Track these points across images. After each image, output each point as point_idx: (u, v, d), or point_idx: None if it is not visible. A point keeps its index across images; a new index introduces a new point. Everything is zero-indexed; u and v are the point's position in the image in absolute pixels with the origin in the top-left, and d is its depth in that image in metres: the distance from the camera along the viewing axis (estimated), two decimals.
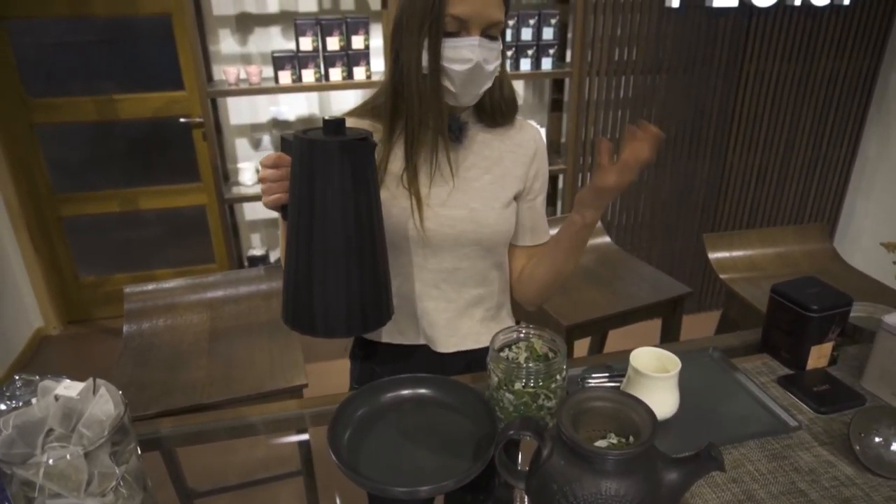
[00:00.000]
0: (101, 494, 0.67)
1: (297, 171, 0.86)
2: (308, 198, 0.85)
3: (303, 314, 0.89)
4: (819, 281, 1.13)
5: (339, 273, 0.87)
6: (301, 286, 0.88)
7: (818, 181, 3.24)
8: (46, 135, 2.92)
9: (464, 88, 0.99)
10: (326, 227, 0.86)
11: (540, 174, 1.16)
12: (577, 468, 0.72)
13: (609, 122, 2.87)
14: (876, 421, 0.91)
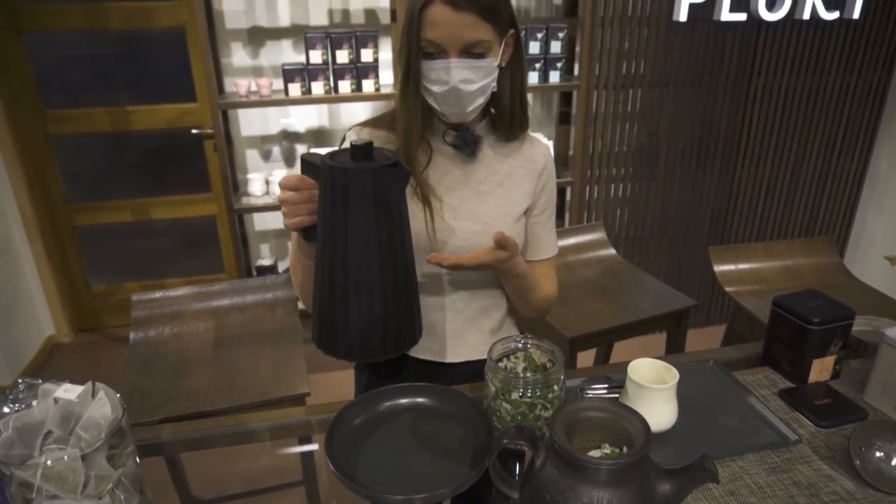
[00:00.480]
0: (97, 497, 0.68)
1: (328, 197, 0.85)
2: (340, 224, 0.85)
3: (335, 338, 0.90)
4: (821, 294, 1.13)
5: (372, 298, 0.88)
6: (332, 311, 0.89)
7: (829, 195, 3.22)
8: (61, 145, 2.97)
9: (447, 108, 1.03)
10: (359, 254, 0.86)
11: (546, 190, 1.17)
12: (569, 478, 0.72)
13: (616, 135, 2.87)
14: (877, 435, 0.90)
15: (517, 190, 1.13)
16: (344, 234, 0.85)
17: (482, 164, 1.12)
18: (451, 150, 1.10)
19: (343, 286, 0.87)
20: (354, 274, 0.87)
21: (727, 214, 3.13)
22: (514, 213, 1.12)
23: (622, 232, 3.05)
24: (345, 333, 0.89)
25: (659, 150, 2.93)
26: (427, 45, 0.98)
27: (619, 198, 2.99)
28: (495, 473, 0.79)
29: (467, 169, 1.11)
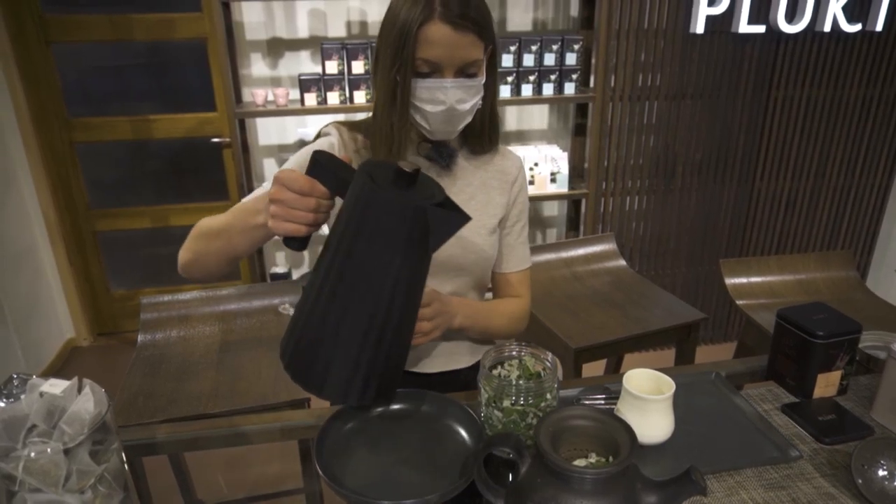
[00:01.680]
0: (79, 491, 0.68)
1: (354, 221, 0.73)
2: (359, 255, 0.74)
3: (303, 365, 0.81)
4: (828, 307, 1.10)
5: (361, 340, 0.78)
6: (318, 344, 0.79)
7: (851, 209, 3.15)
8: (85, 153, 3.04)
9: (437, 126, 1.01)
10: (370, 295, 0.75)
11: (518, 201, 1.18)
12: (552, 486, 0.70)
13: (632, 147, 2.85)
14: (881, 453, 0.87)
15: (491, 202, 1.13)
16: (360, 268, 0.74)
17: (456, 177, 1.12)
18: (425, 161, 1.10)
19: (339, 321, 0.77)
20: (358, 313, 0.76)
21: (745, 228, 3.08)
22: (488, 226, 1.13)
23: (637, 245, 3.02)
24: (324, 371, 0.79)
25: (675, 162, 2.90)
26: (421, 65, 0.96)
27: (634, 210, 2.97)
28: (480, 480, 0.78)
29: (441, 182, 1.09)
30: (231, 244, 0.92)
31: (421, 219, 0.72)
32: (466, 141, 1.13)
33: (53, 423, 0.67)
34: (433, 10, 0.93)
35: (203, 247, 0.99)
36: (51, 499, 0.67)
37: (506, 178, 1.15)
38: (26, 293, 2.86)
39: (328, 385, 0.81)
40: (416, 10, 0.93)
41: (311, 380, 0.81)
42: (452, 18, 0.93)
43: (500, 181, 1.15)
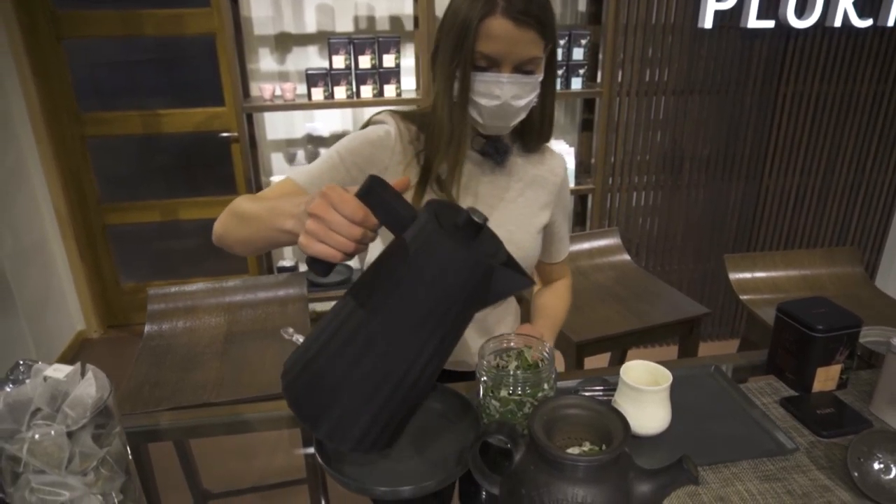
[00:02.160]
0: (81, 473, 0.70)
1: (411, 261, 0.65)
2: (403, 300, 0.66)
3: (304, 396, 0.71)
4: (828, 301, 1.10)
5: (388, 391, 0.69)
6: (337, 389, 0.69)
7: (861, 206, 3.12)
8: (95, 147, 3.08)
9: (490, 121, 1.01)
10: (406, 337, 0.67)
11: (562, 198, 1.21)
12: (545, 474, 0.71)
13: (640, 143, 2.84)
14: (877, 446, 0.87)
15: (538, 200, 1.15)
16: (407, 313, 0.65)
17: (507, 173, 1.13)
18: (478, 156, 1.10)
19: (368, 364, 0.68)
20: (392, 361, 0.68)
21: (753, 225, 3.07)
22: (536, 225, 1.15)
23: (644, 241, 3.01)
24: (313, 396, 0.70)
25: (683, 158, 2.89)
26: (479, 58, 0.95)
27: (640, 206, 2.96)
28: (476, 468, 0.79)
29: (493, 177, 1.12)
30: (253, 236, 0.86)
31: (487, 277, 0.67)
32: (520, 137, 1.14)
33: (57, 407, 0.69)
34: (496, 5, 0.93)
35: (231, 227, 0.93)
36: (54, 480, 0.68)
37: (555, 177, 1.17)
38: (38, 285, 2.90)
39: (334, 429, 0.71)
40: (479, 3, 0.93)
41: (306, 412, 0.71)
42: (514, 14, 0.92)
43: (549, 180, 1.17)
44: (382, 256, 0.71)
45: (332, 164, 1.02)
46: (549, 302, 1.27)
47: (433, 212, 0.66)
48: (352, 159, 1.03)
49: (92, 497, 0.71)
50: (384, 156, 1.05)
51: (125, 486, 0.76)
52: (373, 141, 1.04)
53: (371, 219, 0.66)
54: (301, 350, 0.74)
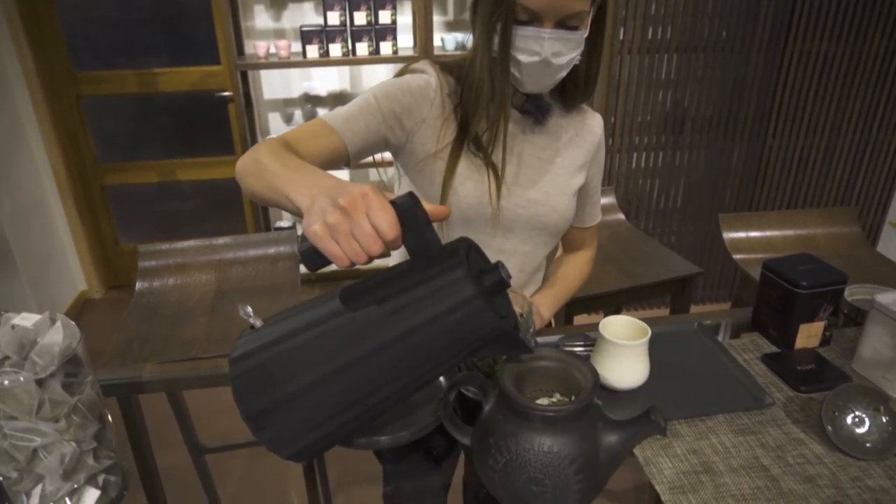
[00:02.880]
0: (53, 420, 0.71)
1: (428, 303, 0.59)
2: (408, 337, 0.60)
3: (254, 396, 0.63)
4: (815, 258, 1.08)
5: (334, 415, 0.64)
6: (281, 376, 0.63)
7: (866, 168, 3.07)
8: (92, 107, 3.05)
9: (529, 78, 0.96)
10: (388, 370, 0.62)
11: (598, 161, 1.16)
12: (513, 423, 0.71)
13: (640, 103, 2.79)
14: (852, 400, 0.87)
15: (576, 161, 1.11)
16: (393, 343, 0.60)
17: (546, 132, 1.09)
18: (517, 114, 1.06)
19: (329, 389, 0.63)
20: (357, 391, 0.63)
21: (755, 187, 3.03)
22: (573, 186, 1.11)
23: (643, 203, 2.99)
24: (282, 427, 0.64)
25: (685, 119, 2.84)
26: (520, 12, 0.90)
27: (641, 168, 2.92)
28: (447, 418, 0.79)
29: (532, 135, 1.08)
30: (264, 193, 0.77)
31: (494, 339, 0.63)
32: (561, 96, 1.09)
33: (25, 355, 0.70)
34: None
35: (248, 173, 0.82)
36: (26, 426, 0.69)
37: (592, 138, 1.13)
38: (38, 247, 2.91)
39: (276, 438, 0.65)
40: None
41: (258, 420, 0.64)
42: None
43: (587, 140, 1.12)
44: (395, 276, 0.63)
45: (368, 110, 0.96)
46: (563, 272, 1.23)
47: (465, 253, 0.61)
48: (389, 106, 0.97)
49: (65, 443, 0.72)
50: (423, 107, 1.00)
51: (99, 434, 0.77)
52: (413, 90, 0.99)
53: (398, 240, 0.58)
54: (260, 340, 0.66)
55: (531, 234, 1.10)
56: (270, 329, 0.66)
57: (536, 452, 0.69)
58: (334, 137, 0.92)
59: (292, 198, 0.67)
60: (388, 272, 0.65)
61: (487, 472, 0.73)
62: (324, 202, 0.59)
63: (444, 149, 1.01)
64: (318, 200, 0.60)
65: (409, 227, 0.59)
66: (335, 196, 0.58)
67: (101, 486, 0.78)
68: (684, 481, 0.81)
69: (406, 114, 0.98)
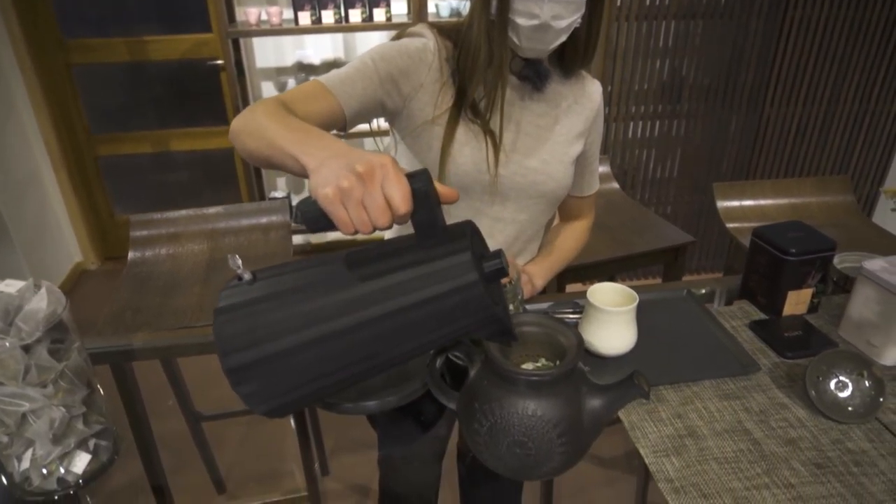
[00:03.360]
0: (41, 385, 0.71)
1: (429, 282, 0.59)
2: (402, 312, 0.60)
3: (236, 349, 0.62)
4: (805, 225, 1.08)
5: (318, 377, 0.64)
6: (268, 333, 0.62)
7: (864, 137, 3.05)
8: (82, 76, 3.01)
9: (528, 43, 0.94)
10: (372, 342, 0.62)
11: (596, 128, 1.15)
12: (498, 388, 0.72)
13: (637, 71, 2.75)
14: (836, 365, 0.88)
15: (574, 128, 1.10)
16: (390, 315, 0.60)
17: (544, 99, 1.07)
18: (516, 80, 1.04)
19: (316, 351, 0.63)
20: (344, 357, 0.63)
21: (752, 156, 3.01)
22: (571, 154, 1.10)
23: (639, 173, 2.97)
24: (262, 382, 0.64)
25: (682, 87, 2.81)
26: None
27: (638, 138, 2.90)
28: (433, 384, 0.80)
29: (530, 102, 1.06)
30: (264, 151, 0.75)
31: (486, 324, 0.63)
32: (561, 62, 1.06)
33: (10, 321, 0.70)
34: None
35: (246, 131, 0.80)
36: (14, 391, 0.70)
37: (591, 104, 1.11)
38: (33, 218, 2.90)
39: (255, 394, 0.64)
40: None
41: (238, 374, 0.63)
42: None
43: (586, 107, 1.11)
44: (398, 251, 0.62)
45: (365, 73, 0.94)
46: (559, 242, 1.23)
47: (470, 238, 0.60)
48: (386, 69, 0.95)
49: (53, 408, 0.72)
50: (421, 71, 0.98)
51: (88, 400, 0.78)
52: (411, 53, 0.97)
53: (408, 216, 0.58)
54: (249, 294, 0.64)
55: (528, 202, 1.09)
56: (262, 284, 0.65)
57: (520, 416, 0.70)
58: (331, 100, 0.90)
59: (300, 158, 0.65)
60: (391, 245, 0.64)
61: (473, 436, 0.74)
62: (338, 166, 0.58)
63: (442, 115, 1.00)
64: (329, 163, 0.59)
65: (421, 204, 0.58)
66: (352, 161, 0.57)
67: (91, 450, 0.79)
68: (668, 445, 0.82)
69: (404, 77, 0.97)
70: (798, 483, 0.75)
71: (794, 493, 0.74)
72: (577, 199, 1.23)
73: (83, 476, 0.77)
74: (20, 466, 0.74)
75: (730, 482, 0.76)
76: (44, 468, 0.75)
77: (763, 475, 0.77)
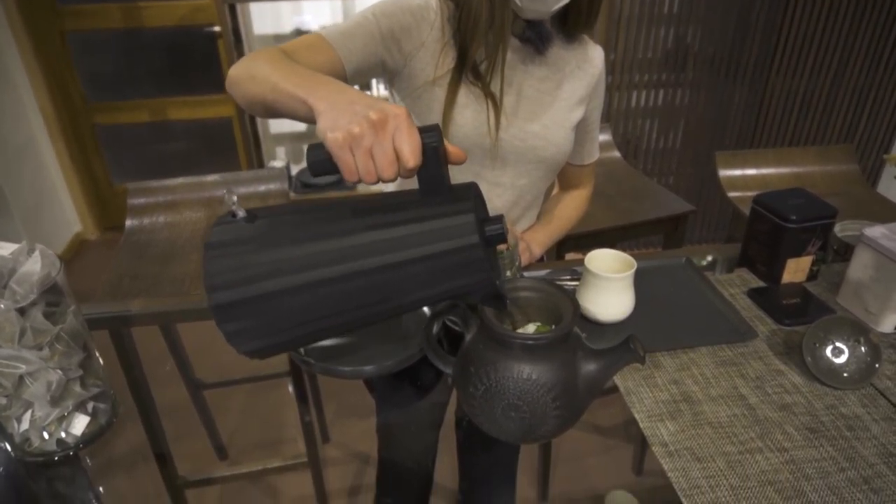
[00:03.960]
0: (37, 348, 0.71)
1: (432, 240, 0.59)
2: (400, 267, 0.59)
3: (226, 284, 0.60)
4: (807, 192, 1.07)
5: (305, 323, 0.63)
6: (260, 272, 0.60)
7: (871, 109, 3.01)
8: (77, 43, 2.97)
9: (530, 4, 0.92)
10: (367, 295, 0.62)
11: (597, 94, 1.13)
12: (493, 352, 0.72)
13: (641, 40, 2.71)
14: (833, 332, 0.88)
15: (575, 94, 1.08)
16: (388, 266, 0.59)
17: (546, 63, 1.05)
18: (517, 42, 1.02)
19: (307, 296, 0.61)
20: (335, 304, 0.62)
21: (756, 127, 2.98)
22: (572, 120, 1.09)
23: (641, 143, 2.94)
24: (249, 322, 0.63)
25: (686, 56, 2.77)
26: None
27: (640, 107, 2.87)
28: (429, 348, 0.80)
29: (532, 66, 1.04)
30: (268, 96, 0.73)
31: (481, 287, 0.63)
32: (564, 25, 1.04)
33: (4, 284, 0.69)
34: None
35: (249, 76, 0.78)
36: (10, 353, 0.70)
37: (592, 70, 1.09)
38: (31, 188, 2.89)
39: (240, 333, 0.63)
40: None
41: (225, 312, 0.61)
42: None
43: (587, 72, 1.09)
44: (401, 205, 0.61)
45: (367, 29, 0.92)
46: (558, 210, 1.22)
47: (474, 200, 0.60)
48: (388, 25, 0.93)
49: (50, 371, 0.73)
50: (423, 29, 0.96)
51: (85, 363, 0.78)
52: (413, 10, 0.95)
53: (415, 171, 0.57)
54: (242, 231, 0.63)
55: (528, 167, 1.08)
56: (257, 223, 0.64)
57: (515, 380, 0.70)
58: (331, 54, 0.89)
59: (309, 99, 0.63)
60: (394, 198, 0.63)
61: (468, 400, 0.74)
62: (351, 111, 0.57)
63: (443, 76, 0.98)
64: (341, 107, 0.58)
65: (429, 160, 0.58)
66: (366, 107, 0.56)
67: (90, 412, 0.79)
68: (663, 409, 0.82)
69: (405, 35, 0.95)
70: (791, 447, 0.76)
71: (786, 456, 0.75)
72: (576, 167, 1.22)
73: (82, 438, 0.78)
74: (20, 428, 0.74)
75: (723, 446, 0.76)
76: (43, 430, 0.76)
77: (756, 439, 0.77)
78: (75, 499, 0.78)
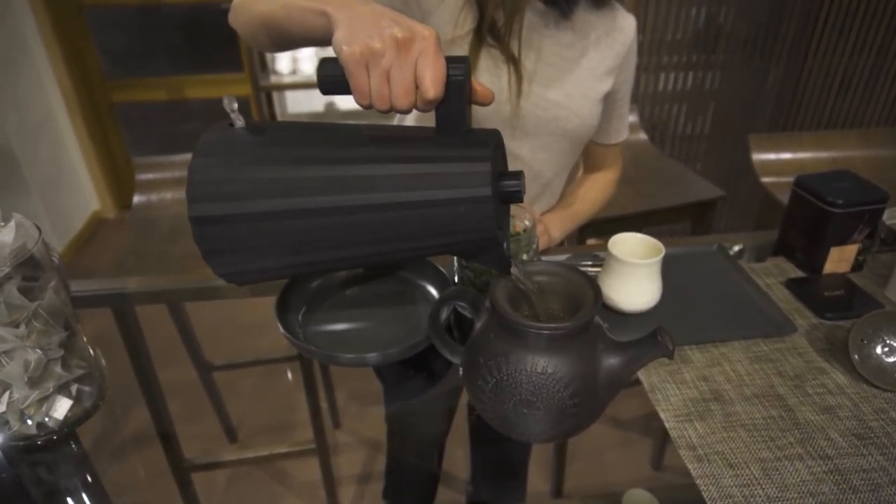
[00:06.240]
0: (13, 325, 0.67)
1: (442, 186, 0.54)
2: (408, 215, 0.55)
3: (214, 212, 0.58)
4: (854, 175, 0.98)
5: (298, 253, 0.59)
6: (255, 206, 0.56)
7: None
8: (93, 19, 2.94)
9: None
10: (366, 238, 0.58)
11: (627, 67, 1.05)
12: (505, 342, 0.65)
13: (671, 19, 2.59)
14: (884, 328, 0.79)
15: (603, 63, 1.01)
16: (399, 222, 0.56)
17: (572, 28, 0.98)
18: (541, 4, 0.95)
19: (309, 232, 0.57)
20: (333, 237, 0.58)
21: (790, 111, 2.84)
22: (598, 91, 1.01)
23: (669, 128, 2.83)
24: (239, 257, 0.60)
25: (719, 36, 2.64)
26: None
27: (668, 90, 2.75)
28: (435, 335, 0.74)
29: (555, 30, 0.97)
30: (277, 12, 0.67)
31: (484, 243, 0.59)
32: None
33: None
34: None
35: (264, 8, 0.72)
36: None
37: (622, 38, 1.01)
38: (48, 164, 2.88)
39: (230, 265, 0.61)
40: None
41: (214, 243, 0.60)
42: None
43: (617, 41, 1.01)
44: (414, 140, 0.57)
45: None
46: (581, 193, 1.15)
47: (493, 150, 0.55)
48: None
49: (28, 350, 0.68)
50: None
51: (68, 343, 0.73)
52: None
53: (434, 104, 0.52)
54: (237, 142, 0.58)
55: (549, 139, 1.01)
56: (255, 136, 0.59)
57: (529, 373, 0.63)
58: None
59: (327, 8, 0.56)
60: (407, 132, 0.58)
61: (477, 394, 0.68)
62: (374, 24, 0.50)
63: (462, 37, 0.92)
64: (364, 18, 0.51)
65: (452, 95, 0.52)
66: (393, 23, 0.50)
67: (73, 395, 0.75)
68: (691, 409, 0.75)
69: None
70: (835, 455, 0.68)
71: (830, 465, 0.67)
72: (602, 147, 1.14)
73: (65, 422, 0.73)
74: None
75: (759, 451, 0.69)
76: (23, 413, 0.71)
77: (796, 445, 0.69)
78: (59, 484, 0.74)
